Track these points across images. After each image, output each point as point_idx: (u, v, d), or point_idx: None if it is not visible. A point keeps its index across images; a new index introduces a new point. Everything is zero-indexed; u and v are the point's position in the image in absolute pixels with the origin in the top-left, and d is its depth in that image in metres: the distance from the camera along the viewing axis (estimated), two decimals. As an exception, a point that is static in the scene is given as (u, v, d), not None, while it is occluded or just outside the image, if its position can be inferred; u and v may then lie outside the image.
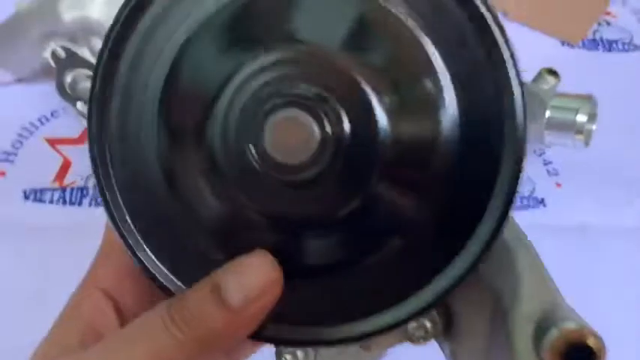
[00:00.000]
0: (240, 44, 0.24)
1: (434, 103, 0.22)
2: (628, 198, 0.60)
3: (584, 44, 0.73)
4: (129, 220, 0.25)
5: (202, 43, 0.24)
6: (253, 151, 0.22)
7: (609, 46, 0.73)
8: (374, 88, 0.22)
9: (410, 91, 0.23)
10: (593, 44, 0.73)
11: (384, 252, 0.24)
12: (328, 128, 0.22)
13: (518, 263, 0.23)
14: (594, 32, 0.73)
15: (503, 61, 0.21)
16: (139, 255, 0.25)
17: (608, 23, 0.74)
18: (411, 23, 0.22)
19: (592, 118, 0.54)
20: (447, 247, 0.23)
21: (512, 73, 0.21)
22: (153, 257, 0.25)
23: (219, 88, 0.23)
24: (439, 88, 0.22)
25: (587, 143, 0.54)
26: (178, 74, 0.24)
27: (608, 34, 0.74)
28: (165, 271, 0.25)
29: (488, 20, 0.21)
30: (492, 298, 0.23)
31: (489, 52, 0.21)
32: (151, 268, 0.25)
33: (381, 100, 0.22)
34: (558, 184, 0.61)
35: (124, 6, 0.24)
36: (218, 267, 0.23)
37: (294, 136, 0.21)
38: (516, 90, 0.22)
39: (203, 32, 0.24)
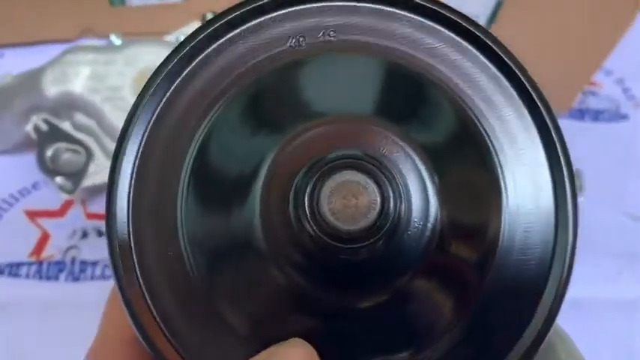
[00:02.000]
0: (265, 127, 0.23)
1: (487, 191, 0.22)
2: (618, 270, 0.59)
3: (570, 114, 0.73)
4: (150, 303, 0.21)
5: (224, 133, 0.22)
6: (308, 218, 0.20)
7: (596, 115, 0.74)
8: (424, 163, 0.22)
9: (462, 174, 0.22)
10: (579, 114, 0.73)
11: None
12: (388, 193, 0.20)
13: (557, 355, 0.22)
14: (580, 102, 0.74)
15: (564, 178, 0.22)
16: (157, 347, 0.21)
17: (594, 93, 0.75)
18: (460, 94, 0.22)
19: (579, 190, 0.53)
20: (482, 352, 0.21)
21: (569, 192, 0.22)
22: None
23: (254, 167, 0.22)
24: (495, 176, 0.22)
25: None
26: (206, 162, 0.22)
27: (594, 103, 0.74)
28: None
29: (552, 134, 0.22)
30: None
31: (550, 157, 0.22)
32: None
33: (432, 179, 0.22)
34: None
35: (127, 122, 0.22)
36: (248, 347, 0.21)
37: (354, 200, 0.20)
38: (571, 207, 0.22)
39: (223, 126, 0.22)
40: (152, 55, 0.52)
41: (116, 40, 0.53)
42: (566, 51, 0.67)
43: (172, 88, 0.22)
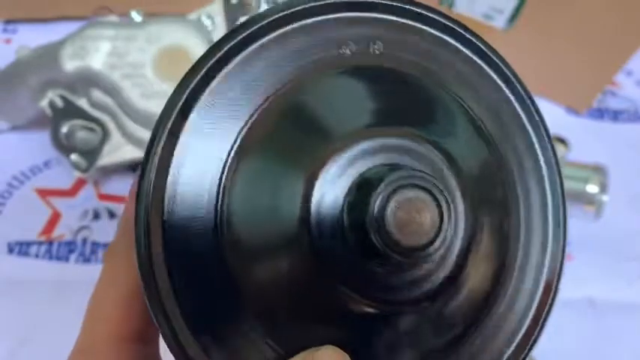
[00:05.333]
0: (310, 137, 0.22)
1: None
2: (638, 274, 0.58)
3: (589, 113, 0.72)
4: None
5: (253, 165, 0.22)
6: (375, 236, 0.20)
7: (615, 116, 0.73)
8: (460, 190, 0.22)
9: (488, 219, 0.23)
10: (599, 114, 0.73)
11: None
12: (445, 210, 0.20)
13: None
14: (599, 102, 0.73)
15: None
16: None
17: (613, 93, 0.74)
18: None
19: (603, 188, 0.52)
20: None
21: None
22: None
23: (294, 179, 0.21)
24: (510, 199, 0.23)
25: (598, 215, 0.52)
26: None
27: (613, 104, 0.74)
28: None
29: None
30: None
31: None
32: None
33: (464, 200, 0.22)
34: (568, 256, 0.59)
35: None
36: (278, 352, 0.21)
37: (418, 216, 0.20)
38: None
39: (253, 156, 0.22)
40: (175, 34, 0.50)
41: (137, 17, 0.52)
42: (589, 49, 0.66)
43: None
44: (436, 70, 0.23)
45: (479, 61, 0.24)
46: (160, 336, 0.21)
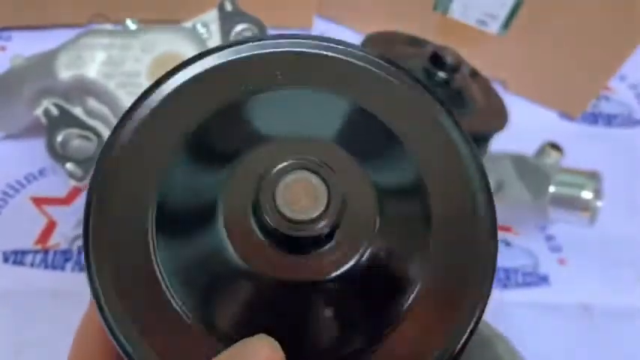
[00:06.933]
0: (219, 158, 0.24)
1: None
2: (634, 278, 0.58)
3: (583, 118, 0.72)
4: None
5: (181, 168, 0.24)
6: (268, 214, 0.22)
7: (609, 120, 0.73)
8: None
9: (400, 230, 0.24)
10: (593, 118, 0.73)
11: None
12: (334, 187, 0.22)
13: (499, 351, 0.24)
14: (593, 106, 0.73)
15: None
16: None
17: (607, 98, 0.75)
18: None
19: (598, 194, 0.53)
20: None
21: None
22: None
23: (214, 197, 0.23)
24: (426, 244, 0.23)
25: (592, 221, 0.52)
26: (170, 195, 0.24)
27: (607, 108, 0.74)
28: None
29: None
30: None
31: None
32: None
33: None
34: (562, 261, 0.59)
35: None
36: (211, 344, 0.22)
37: (305, 195, 0.22)
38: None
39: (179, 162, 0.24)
40: (170, 42, 0.50)
41: (132, 25, 0.52)
42: (583, 55, 0.66)
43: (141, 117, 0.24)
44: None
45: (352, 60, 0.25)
46: None
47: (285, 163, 0.22)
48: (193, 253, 0.23)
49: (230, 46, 0.25)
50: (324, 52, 0.25)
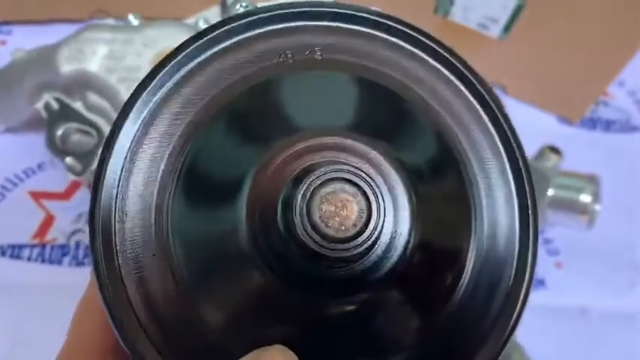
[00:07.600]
0: (251, 138, 0.23)
1: (460, 218, 0.22)
2: (630, 282, 0.58)
3: (582, 123, 0.73)
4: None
5: (212, 142, 0.23)
6: (299, 225, 0.21)
7: (607, 126, 0.73)
8: (404, 183, 0.22)
9: (438, 199, 0.23)
10: (591, 123, 0.73)
11: None
12: (374, 206, 0.21)
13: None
14: (592, 112, 0.74)
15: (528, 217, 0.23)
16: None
17: (606, 103, 0.75)
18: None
19: (596, 198, 0.53)
20: None
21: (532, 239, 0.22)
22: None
23: (240, 176, 0.22)
24: (468, 206, 0.22)
25: (591, 224, 0.53)
26: (195, 167, 0.22)
27: (605, 114, 0.74)
28: None
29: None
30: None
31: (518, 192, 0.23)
32: None
33: (410, 199, 0.23)
34: (558, 264, 0.59)
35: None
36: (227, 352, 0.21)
37: (344, 210, 0.21)
38: (531, 257, 0.22)
39: (210, 137, 0.22)
40: (172, 38, 0.50)
41: (134, 20, 0.52)
42: (583, 60, 0.66)
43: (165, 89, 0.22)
44: (379, 70, 0.23)
45: (426, 57, 0.23)
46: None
47: (324, 172, 0.21)
48: (207, 228, 0.22)
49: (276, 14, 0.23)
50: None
